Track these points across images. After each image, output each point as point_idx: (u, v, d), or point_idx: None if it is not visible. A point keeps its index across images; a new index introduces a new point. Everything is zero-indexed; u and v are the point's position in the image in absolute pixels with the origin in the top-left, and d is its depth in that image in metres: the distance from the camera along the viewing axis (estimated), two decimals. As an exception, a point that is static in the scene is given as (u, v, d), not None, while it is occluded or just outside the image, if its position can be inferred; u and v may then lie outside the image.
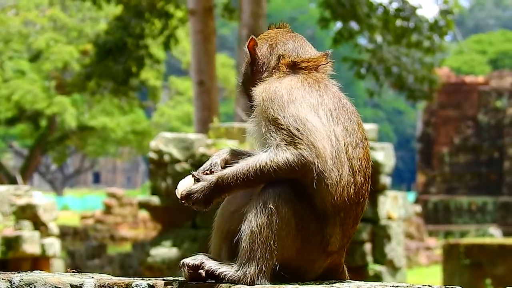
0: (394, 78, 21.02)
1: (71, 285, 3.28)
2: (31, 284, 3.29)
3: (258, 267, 3.14)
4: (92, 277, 3.35)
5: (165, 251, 12.18)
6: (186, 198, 3.25)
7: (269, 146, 3.19)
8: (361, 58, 21.42)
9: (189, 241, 12.15)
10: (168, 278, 3.33)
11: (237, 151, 3.44)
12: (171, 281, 3.26)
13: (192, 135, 12.97)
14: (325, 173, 3.17)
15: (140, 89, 31.60)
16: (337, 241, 3.23)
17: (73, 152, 52.52)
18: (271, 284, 3.15)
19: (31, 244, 13.10)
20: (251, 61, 3.46)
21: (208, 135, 13.50)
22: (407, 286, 3.13)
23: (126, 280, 3.30)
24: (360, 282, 3.25)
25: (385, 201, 12.68)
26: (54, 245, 13.61)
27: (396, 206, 13.04)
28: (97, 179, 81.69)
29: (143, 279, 3.30)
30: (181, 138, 12.59)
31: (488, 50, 66.92)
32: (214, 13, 21.08)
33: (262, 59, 3.44)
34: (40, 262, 13.40)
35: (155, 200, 12.44)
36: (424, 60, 21.68)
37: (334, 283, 3.23)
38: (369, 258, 12.41)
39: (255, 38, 3.46)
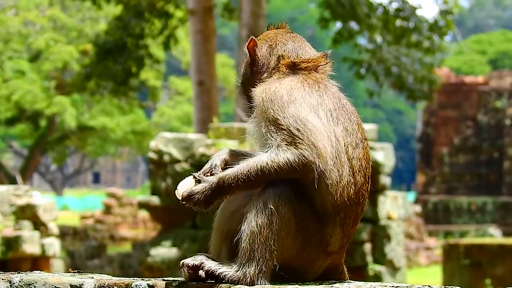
0: (394, 78, 21.01)
1: (71, 285, 3.28)
2: (31, 285, 3.29)
3: (258, 267, 3.14)
4: (92, 278, 3.35)
5: (165, 251, 12.18)
6: (187, 199, 3.25)
7: (270, 147, 3.19)
8: (361, 58, 21.41)
9: (189, 241, 12.14)
10: (168, 278, 3.33)
11: (236, 152, 3.44)
12: (171, 281, 3.27)
13: (192, 135, 12.97)
14: (326, 173, 3.17)
15: (140, 89, 31.59)
16: (337, 241, 3.23)
17: (73, 152, 52.51)
18: (271, 285, 3.15)
19: (31, 244, 13.09)
20: (251, 62, 3.45)
21: (208, 135, 13.49)
22: (407, 286, 3.13)
23: (126, 281, 3.30)
24: (360, 282, 3.25)
25: (385, 201, 12.68)
26: (54, 245, 13.60)
27: (396, 206, 13.04)
28: (97, 179, 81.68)
29: (143, 280, 3.30)
30: (181, 138, 12.59)
31: (488, 50, 66.91)
32: (214, 13, 21.07)
33: (262, 60, 3.44)
34: (40, 262, 13.39)
35: (155, 200, 12.43)
36: (424, 60, 21.67)
37: (334, 283, 3.23)
38: (369, 258, 12.41)
39: (255, 39, 3.46)
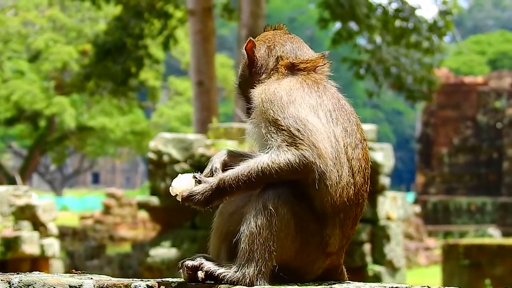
0: (393, 79, 21.00)
1: (70, 286, 3.28)
2: (30, 285, 3.29)
3: (257, 268, 3.14)
4: (91, 278, 3.35)
5: (164, 252, 12.18)
6: (187, 199, 3.25)
7: (270, 147, 3.18)
8: (360, 59, 21.40)
9: (189, 242, 12.14)
10: (167, 279, 3.33)
11: (235, 153, 3.43)
12: (170, 282, 3.26)
13: (191, 136, 12.97)
14: (326, 174, 3.17)
15: (139, 90, 31.59)
16: (336, 242, 3.23)
17: (72, 153, 52.50)
18: (270, 285, 3.15)
19: (30, 245, 13.08)
20: (249, 63, 3.45)
21: (207, 136, 13.49)
22: (406, 287, 3.13)
23: (125, 281, 3.29)
24: (359, 283, 3.25)
25: (385, 202, 12.68)
26: (53, 246, 13.60)
27: (396, 207, 13.04)
28: (96, 180, 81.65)
29: (142, 280, 3.29)
30: (180, 139, 12.59)
31: (487, 51, 66.91)
32: (214, 13, 21.07)
33: (260, 61, 3.44)
34: (39, 263, 13.38)
35: (154, 201, 12.43)
36: (423, 61, 21.66)
37: (333, 284, 3.22)
38: (369, 259, 12.41)
39: (253, 40, 3.46)
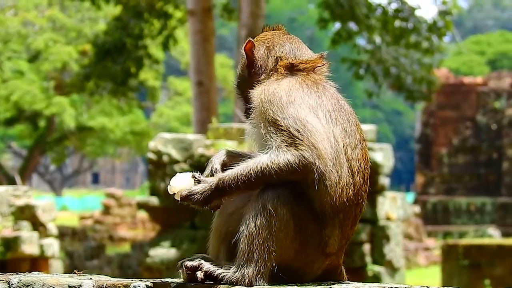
0: (393, 79, 21.01)
1: (69, 286, 3.28)
2: (30, 286, 3.28)
3: (257, 269, 3.14)
4: (91, 278, 3.35)
5: (164, 252, 12.18)
6: (186, 199, 3.24)
7: (270, 148, 3.18)
8: (360, 59, 21.40)
9: (188, 242, 12.14)
10: (167, 279, 3.33)
11: (234, 153, 3.43)
12: (170, 282, 3.26)
13: (191, 136, 12.97)
14: (325, 175, 3.17)
15: (139, 90, 31.59)
16: (336, 243, 3.23)
17: (72, 153, 52.49)
18: (269, 286, 3.15)
19: (30, 245, 13.08)
20: (248, 63, 3.45)
21: (207, 136, 13.48)
22: (406, 287, 3.13)
23: (125, 281, 3.29)
24: (359, 283, 3.25)
25: (384, 202, 12.68)
26: (53, 246, 13.59)
27: (395, 207, 13.04)
28: (96, 180, 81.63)
29: (141, 280, 3.29)
30: (180, 139, 12.59)
31: (487, 51, 66.90)
32: (213, 14, 21.06)
33: (260, 61, 3.43)
34: (39, 263, 13.38)
35: (154, 201, 12.43)
36: (423, 61, 21.67)
37: (333, 285, 3.22)
38: (368, 259, 12.41)
39: (252, 40, 3.46)
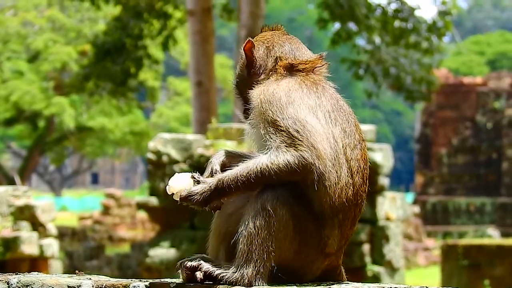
0: (392, 79, 21.01)
1: (69, 287, 3.28)
2: (29, 286, 3.28)
3: (256, 269, 3.14)
4: (90, 279, 3.35)
5: (164, 252, 12.17)
6: (185, 199, 3.24)
7: (269, 148, 3.18)
8: (360, 59, 21.40)
9: (188, 242, 12.14)
10: (166, 280, 3.33)
11: (233, 153, 3.43)
12: (169, 283, 3.26)
13: (191, 136, 12.96)
14: (325, 175, 3.17)
15: (139, 90, 31.57)
16: (335, 243, 3.23)
17: (71, 153, 52.48)
18: (269, 286, 3.15)
19: (29, 245, 13.08)
20: (248, 63, 3.44)
21: (207, 136, 13.48)
22: (405, 287, 3.13)
23: (124, 282, 3.29)
24: (358, 284, 3.25)
25: (384, 202, 12.68)
26: (52, 246, 13.59)
27: (395, 207, 13.04)
28: (95, 180, 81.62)
29: (141, 281, 3.29)
30: (180, 139, 12.58)
31: (486, 51, 66.90)
32: (213, 14, 21.06)
33: (259, 61, 3.43)
34: (38, 263, 13.37)
35: (154, 201, 12.43)
36: (423, 61, 21.67)
37: (332, 285, 3.22)
38: (368, 259, 12.41)
39: (252, 40, 3.46)
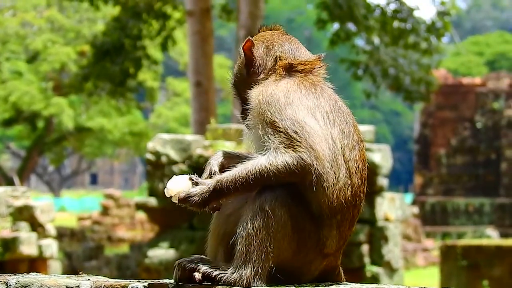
0: (391, 80, 21.02)
1: (67, 287, 3.28)
2: (28, 286, 3.28)
3: (254, 269, 3.13)
4: (89, 279, 3.35)
5: (162, 253, 12.17)
6: (184, 201, 3.24)
7: (268, 149, 3.17)
8: (358, 60, 21.41)
9: (186, 243, 12.13)
10: (165, 280, 3.32)
11: (232, 154, 3.42)
12: (168, 283, 3.26)
13: (189, 137, 12.96)
14: (323, 176, 3.16)
15: (138, 90, 31.54)
16: (334, 244, 3.23)
17: (70, 153, 52.47)
18: (267, 286, 3.15)
19: (28, 246, 13.08)
20: (247, 63, 3.43)
21: (206, 137, 13.47)
22: (404, 288, 3.13)
23: (123, 282, 3.29)
24: (356, 284, 3.25)
25: (382, 203, 12.68)
26: (51, 247, 13.59)
27: (393, 208, 13.04)
28: (94, 180, 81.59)
29: (139, 281, 3.29)
30: (178, 140, 12.58)
31: (485, 52, 66.90)
32: (212, 14, 21.07)
33: (259, 61, 3.42)
34: (37, 264, 13.38)
35: (153, 202, 12.42)
36: (421, 62, 21.68)
37: (330, 285, 3.22)
38: (366, 260, 12.41)
39: (252, 39, 3.45)
